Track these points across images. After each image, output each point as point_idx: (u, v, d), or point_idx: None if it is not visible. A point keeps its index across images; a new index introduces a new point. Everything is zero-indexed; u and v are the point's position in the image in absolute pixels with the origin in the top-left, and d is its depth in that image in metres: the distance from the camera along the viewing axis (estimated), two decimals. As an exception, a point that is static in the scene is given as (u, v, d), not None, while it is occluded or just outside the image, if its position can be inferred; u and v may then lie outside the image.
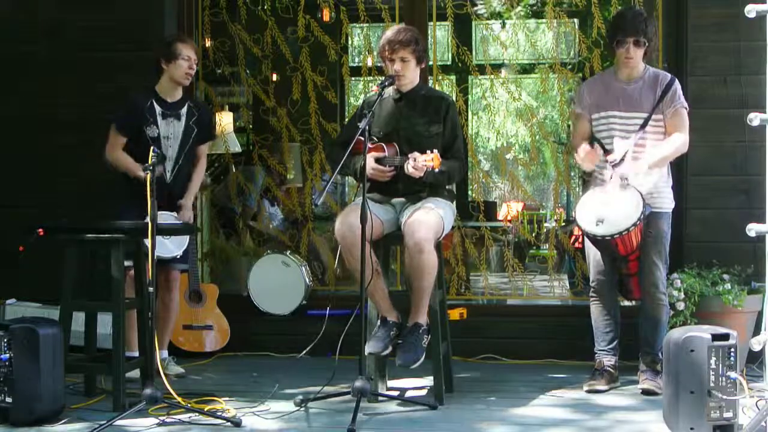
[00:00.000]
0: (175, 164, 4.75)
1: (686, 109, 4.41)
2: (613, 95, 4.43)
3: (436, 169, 4.00)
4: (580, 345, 4.81)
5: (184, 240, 4.71)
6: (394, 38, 4.22)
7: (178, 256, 4.71)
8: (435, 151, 4.01)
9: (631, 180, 4.25)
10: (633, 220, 4.18)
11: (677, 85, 4.41)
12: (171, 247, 4.62)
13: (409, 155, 4.08)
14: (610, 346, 4.53)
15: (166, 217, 4.54)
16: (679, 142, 4.37)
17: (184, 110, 4.78)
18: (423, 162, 4.01)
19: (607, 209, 4.25)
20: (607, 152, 4.40)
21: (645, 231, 4.32)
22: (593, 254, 4.50)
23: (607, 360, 4.52)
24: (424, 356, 4.04)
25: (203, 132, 4.87)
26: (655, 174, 4.37)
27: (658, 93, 4.37)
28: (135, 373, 4.36)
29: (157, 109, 4.71)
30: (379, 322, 4.17)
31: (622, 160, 4.33)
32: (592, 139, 4.49)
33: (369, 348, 4.05)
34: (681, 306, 4.64)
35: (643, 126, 4.36)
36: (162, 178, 4.62)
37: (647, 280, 4.39)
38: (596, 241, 4.34)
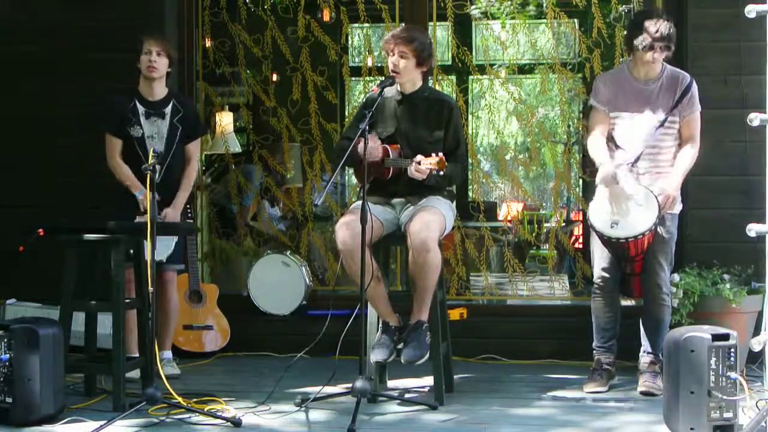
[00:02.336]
0: (163, 164, 4.62)
1: (700, 110, 4.42)
2: (630, 95, 4.39)
3: (441, 172, 4.00)
4: (580, 345, 4.79)
5: (170, 242, 4.66)
6: (398, 33, 4.23)
7: (163, 260, 4.65)
8: (440, 154, 4.01)
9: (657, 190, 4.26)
10: (649, 224, 4.17)
11: (695, 88, 4.39)
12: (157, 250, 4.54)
13: (413, 158, 4.08)
14: (609, 344, 4.52)
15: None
16: (693, 155, 4.39)
17: (168, 108, 4.72)
18: (427, 165, 4.01)
19: (623, 211, 4.23)
20: (618, 149, 4.39)
21: (655, 232, 4.30)
22: (598, 252, 4.48)
23: (605, 358, 4.51)
24: (428, 353, 4.05)
25: (188, 129, 4.78)
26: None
27: (677, 95, 4.35)
28: (135, 373, 4.36)
29: (140, 109, 4.68)
30: (380, 327, 4.17)
31: (636, 159, 4.33)
32: (607, 138, 4.48)
33: (375, 356, 4.07)
34: (679, 304, 4.63)
35: (659, 127, 4.35)
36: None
37: (651, 280, 4.38)
38: (609, 242, 4.31)
